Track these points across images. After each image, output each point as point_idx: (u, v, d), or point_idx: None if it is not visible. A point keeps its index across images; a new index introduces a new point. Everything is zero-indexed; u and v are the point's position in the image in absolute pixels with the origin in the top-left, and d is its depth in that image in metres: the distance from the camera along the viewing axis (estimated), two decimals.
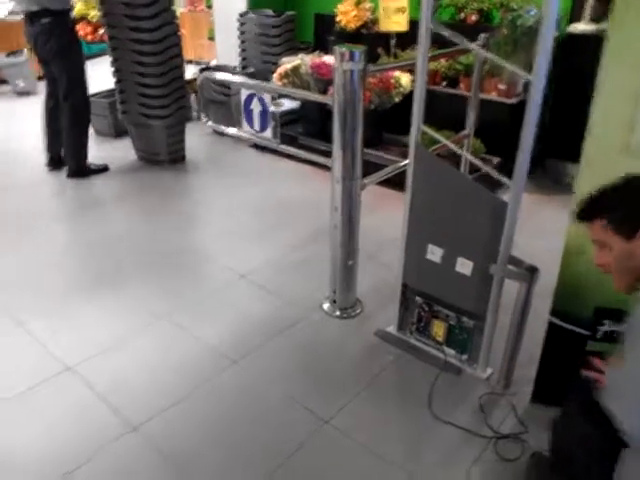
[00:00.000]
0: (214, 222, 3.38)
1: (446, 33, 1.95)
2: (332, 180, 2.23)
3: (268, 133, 2.46)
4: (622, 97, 1.51)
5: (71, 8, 3.72)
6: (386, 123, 4.14)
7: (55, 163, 4.01)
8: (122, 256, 2.93)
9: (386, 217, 3.27)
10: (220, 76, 2.72)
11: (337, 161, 2.19)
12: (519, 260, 1.91)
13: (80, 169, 3.87)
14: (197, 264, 2.90)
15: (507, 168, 3.22)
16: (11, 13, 6.73)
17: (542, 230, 3.01)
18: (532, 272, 1.85)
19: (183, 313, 2.45)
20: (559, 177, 4.00)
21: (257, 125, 2.46)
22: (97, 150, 4.28)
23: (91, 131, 4.20)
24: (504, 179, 1.80)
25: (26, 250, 2.96)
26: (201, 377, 2.08)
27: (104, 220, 3.37)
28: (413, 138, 2.01)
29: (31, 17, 3.53)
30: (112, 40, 3.82)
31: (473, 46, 2.12)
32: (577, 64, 3.57)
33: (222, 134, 4.36)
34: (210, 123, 2.78)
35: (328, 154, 2.23)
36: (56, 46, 3.58)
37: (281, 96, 4.59)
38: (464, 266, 2.00)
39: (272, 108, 4.45)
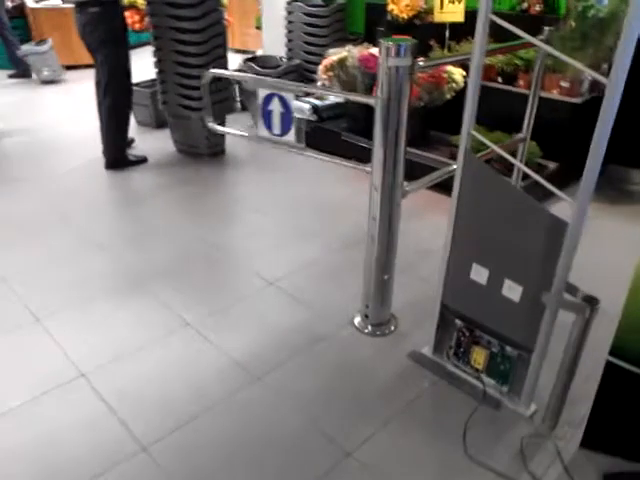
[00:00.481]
0: (249, 221, 3.25)
1: (507, 25, 1.73)
2: (370, 187, 2.04)
3: (291, 136, 2.19)
4: None
5: None
6: (434, 120, 3.91)
7: None
8: (154, 254, 2.84)
9: (427, 223, 3.06)
10: (228, 74, 2.49)
11: (377, 167, 2.00)
12: (575, 287, 1.68)
13: (118, 160, 3.83)
14: (228, 267, 2.78)
15: (566, 174, 2.91)
16: (65, 2, 6.82)
17: (601, 244, 2.73)
18: (591, 304, 1.61)
19: (208, 322, 2.32)
20: (622, 184, 3.68)
21: (277, 129, 2.20)
22: (137, 140, 4.24)
23: (133, 121, 4.17)
24: (565, 197, 1.56)
25: (56, 243, 2.92)
26: (220, 394, 1.94)
27: (139, 215, 3.30)
28: (463, 144, 1.79)
29: (80, 6, 3.49)
30: (155, 29, 3.73)
31: (535, 41, 1.88)
32: None
33: None
34: (211, 125, 2.54)
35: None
36: (103, 35, 3.52)
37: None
38: (512, 290, 1.78)
39: (316, 102, 4.29)
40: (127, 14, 5.89)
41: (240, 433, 1.80)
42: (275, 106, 2.14)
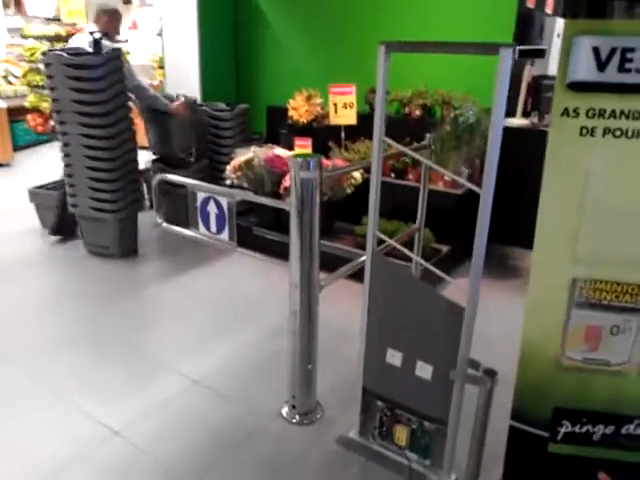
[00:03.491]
0: (166, 321, 3.27)
1: (398, 147, 2.08)
2: (290, 285, 2.22)
3: (225, 235, 2.46)
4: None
5: None
6: (338, 211, 4.25)
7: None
8: (61, 363, 2.76)
9: (340, 308, 3.27)
10: (176, 179, 2.74)
11: (294, 266, 2.20)
12: (477, 362, 1.93)
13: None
14: (147, 370, 2.75)
15: (456, 255, 3.25)
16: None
17: (493, 316, 3.05)
18: (491, 376, 1.86)
19: (134, 430, 2.30)
20: (503, 260, 4.19)
21: (214, 227, 2.48)
22: (47, 244, 4.16)
23: (39, 225, 4.13)
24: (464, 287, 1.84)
25: None
26: None
27: (46, 322, 3.20)
28: (369, 245, 2.04)
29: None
30: (65, 136, 3.81)
31: (421, 158, 2.25)
32: (515, 155, 3.82)
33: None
34: (165, 225, 2.77)
35: (284, 246, 2.23)
36: None
37: (233, 186, 4.66)
38: (423, 370, 2.00)
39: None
40: (30, 117, 5.94)
41: None
42: (211, 208, 2.44)
